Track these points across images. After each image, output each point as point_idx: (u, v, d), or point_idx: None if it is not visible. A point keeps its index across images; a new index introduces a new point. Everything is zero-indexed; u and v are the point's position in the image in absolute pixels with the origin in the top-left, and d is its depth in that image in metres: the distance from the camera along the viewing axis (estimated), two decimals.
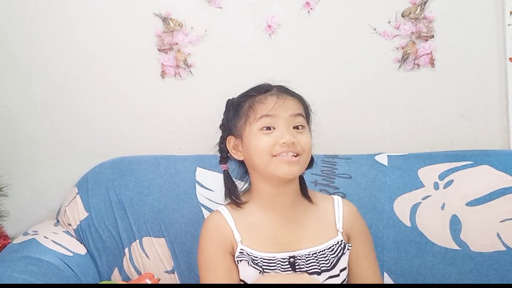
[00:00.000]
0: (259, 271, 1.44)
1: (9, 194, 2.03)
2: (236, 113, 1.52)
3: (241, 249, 1.47)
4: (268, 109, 1.46)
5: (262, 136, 1.46)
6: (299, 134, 1.47)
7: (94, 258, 1.87)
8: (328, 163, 1.87)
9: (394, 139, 2.01)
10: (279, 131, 1.45)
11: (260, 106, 1.47)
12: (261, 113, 1.46)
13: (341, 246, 1.49)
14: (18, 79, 2.06)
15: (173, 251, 1.84)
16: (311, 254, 1.47)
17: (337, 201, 1.56)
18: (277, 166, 1.44)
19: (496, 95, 1.96)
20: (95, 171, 1.96)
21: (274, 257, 1.46)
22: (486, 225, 1.75)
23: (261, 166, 1.47)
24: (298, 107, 1.50)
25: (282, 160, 1.44)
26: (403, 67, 1.97)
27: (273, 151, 1.44)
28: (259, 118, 1.46)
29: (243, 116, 1.49)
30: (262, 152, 1.45)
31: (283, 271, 1.45)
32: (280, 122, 1.45)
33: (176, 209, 1.86)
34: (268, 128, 1.46)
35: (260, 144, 1.45)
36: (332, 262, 1.47)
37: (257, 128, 1.46)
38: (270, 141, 1.44)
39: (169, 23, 1.99)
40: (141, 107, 2.05)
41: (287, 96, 1.49)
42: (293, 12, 1.96)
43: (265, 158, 1.45)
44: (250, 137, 1.47)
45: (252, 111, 1.47)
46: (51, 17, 2.02)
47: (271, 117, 1.46)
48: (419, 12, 1.93)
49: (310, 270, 1.45)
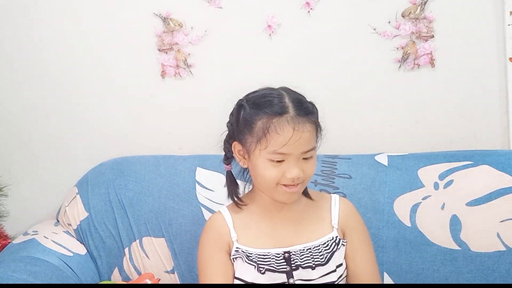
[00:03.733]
0: (254, 267, 1.47)
1: (9, 194, 2.03)
2: (246, 127, 1.46)
3: (237, 247, 1.50)
4: (281, 144, 1.41)
5: (271, 167, 1.44)
6: (306, 164, 1.45)
7: (94, 258, 1.87)
8: (328, 163, 1.87)
9: (394, 139, 2.01)
10: (289, 165, 1.43)
11: (275, 137, 1.41)
12: (274, 147, 1.42)
13: (336, 242, 1.51)
14: (18, 79, 2.06)
15: (173, 251, 1.84)
16: (306, 250, 1.49)
17: (334, 199, 1.58)
18: (280, 194, 1.46)
19: (496, 95, 1.96)
20: (95, 171, 1.96)
21: (269, 252, 1.49)
22: (486, 225, 1.75)
23: (264, 190, 1.49)
24: (312, 140, 1.45)
25: (285, 190, 1.45)
26: (403, 67, 1.97)
27: (279, 181, 1.44)
28: (271, 152, 1.42)
29: (255, 136, 1.44)
30: (267, 181, 1.45)
31: (277, 266, 1.47)
32: (291, 158, 1.43)
33: (176, 209, 1.86)
34: (278, 161, 1.44)
35: (267, 173, 1.44)
36: (326, 257, 1.49)
37: (267, 157, 1.43)
38: (278, 173, 1.43)
39: (169, 23, 1.99)
40: (141, 107, 2.05)
41: (304, 124, 1.42)
42: (293, 12, 1.96)
43: (269, 185, 1.46)
44: (258, 161, 1.45)
45: (265, 140, 1.42)
46: (51, 17, 2.02)
47: (282, 154, 1.42)
48: (419, 12, 1.93)
49: (305, 265, 1.48)
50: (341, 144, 1.96)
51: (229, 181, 1.57)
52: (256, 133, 1.44)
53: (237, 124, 1.50)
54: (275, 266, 1.48)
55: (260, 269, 1.47)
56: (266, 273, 1.47)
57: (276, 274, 1.47)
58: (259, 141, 1.43)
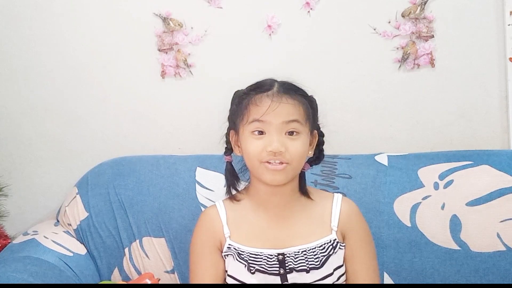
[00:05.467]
0: (244, 266, 1.46)
1: (9, 194, 2.03)
2: (236, 109, 1.49)
3: (229, 244, 1.49)
4: (260, 114, 1.42)
5: (253, 140, 1.44)
6: (291, 141, 1.43)
7: (94, 258, 1.87)
8: (328, 163, 1.87)
9: (394, 139, 2.01)
10: (269, 137, 1.42)
11: (254, 108, 1.44)
12: (253, 116, 1.43)
13: (333, 245, 1.49)
14: (18, 79, 2.06)
15: (173, 251, 1.84)
16: (301, 252, 1.47)
17: (336, 198, 1.54)
18: (263, 172, 1.44)
19: (496, 95, 1.96)
20: (95, 171, 1.96)
21: (261, 252, 1.47)
22: (486, 225, 1.75)
23: (251, 169, 1.48)
24: (294, 113, 1.44)
25: (267, 168, 1.43)
26: (403, 67, 1.97)
27: (261, 157, 1.42)
28: (251, 121, 1.44)
29: (240, 114, 1.47)
30: (251, 156, 1.44)
31: (269, 267, 1.46)
32: (271, 128, 1.42)
33: (176, 209, 1.86)
34: (260, 133, 1.44)
35: (249, 148, 1.44)
36: (321, 261, 1.46)
37: (249, 130, 1.44)
38: (259, 146, 1.43)
39: (169, 23, 1.99)
40: (141, 107, 2.06)
41: (285, 99, 1.44)
42: (293, 12, 1.96)
43: (254, 163, 1.44)
44: (243, 138, 1.47)
45: (246, 112, 1.45)
46: (50, 17, 2.02)
47: (262, 122, 1.43)
48: (419, 12, 1.93)
49: (298, 268, 1.46)
50: (341, 144, 1.96)
51: (228, 172, 1.56)
52: (241, 111, 1.46)
53: (231, 112, 1.52)
54: (266, 267, 1.46)
55: (250, 269, 1.45)
56: (256, 273, 1.45)
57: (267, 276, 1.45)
58: (242, 117, 1.45)
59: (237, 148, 1.52)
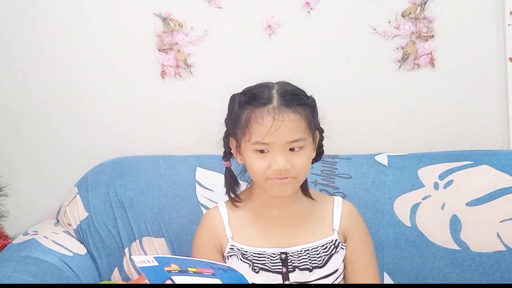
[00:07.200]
0: (248, 265, 1.46)
1: (9, 194, 2.03)
2: (236, 121, 1.45)
3: (232, 245, 1.49)
4: (263, 135, 1.38)
5: (256, 158, 1.41)
6: (296, 157, 1.41)
7: (94, 258, 1.87)
8: (328, 163, 1.87)
9: (394, 139, 2.01)
10: (273, 156, 1.40)
11: (255, 127, 1.40)
12: (256, 138, 1.40)
13: (335, 245, 1.49)
14: (18, 79, 2.06)
15: (173, 251, 1.84)
16: (304, 251, 1.47)
17: (337, 201, 1.55)
18: (270, 187, 1.43)
19: (496, 95, 1.96)
20: (95, 171, 1.96)
21: (264, 251, 1.47)
22: (486, 225, 1.75)
23: (256, 183, 1.48)
24: (297, 130, 1.40)
25: (274, 182, 1.41)
26: (403, 67, 1.97)
27: (266, 175, 1.41)
28: (254, 142, 1.40)
29: (241, 129, 1.43)
30: (255, 173, 1.43)
31: (272, 266, 1.46)
32: (274, 147, 1.40)
33: (176, 209, 1.86)
34: (262, 151, 1.41)
35: (253, 165, 1.42)
36: (324, 259, 1.47)
37: (252, 149, 1.42)
38: (263, 165, 1.40)
39: (169, 23, 1.99)
40: (141, 107, 2.05)
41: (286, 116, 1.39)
42: (293, 12, 1.96)
43: (260, 180, 1.43)
44: (246, 154, 1.44)
45: (248, 131, 1.41)
46: (50, 17, 2.02)
47: (264, 144, 1.40)
48: (419, 12, 1.93)
49: (302, 266, 1.46)
50: (341, 144, 1.95)
51: (228, 178, 1.56)
52: (241, 126, 1.43)
53: (229, 120, 1.49)
54: (269, 266, 1.46)
55: (255, 268, 1.46)
56: (261, 272, 1.46)
57: (271, 274, 1.46)
58: (244, 133, 1.42)
59: (239, 156, 1.49)
